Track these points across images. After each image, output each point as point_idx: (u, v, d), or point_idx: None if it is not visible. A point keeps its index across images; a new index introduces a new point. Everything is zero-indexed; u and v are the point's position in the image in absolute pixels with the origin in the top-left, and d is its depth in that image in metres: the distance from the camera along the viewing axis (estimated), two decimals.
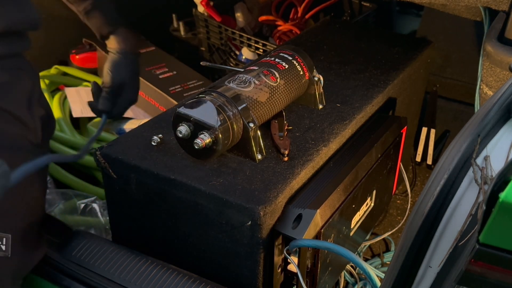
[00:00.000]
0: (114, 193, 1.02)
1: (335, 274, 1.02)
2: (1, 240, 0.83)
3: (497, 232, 0.50)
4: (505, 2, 1.01)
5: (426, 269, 0.61)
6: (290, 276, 0.96)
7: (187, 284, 0.92)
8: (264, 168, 0.92)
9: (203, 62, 1.13)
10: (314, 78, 1.06)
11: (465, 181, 0.60)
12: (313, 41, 1.39)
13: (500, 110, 0.64)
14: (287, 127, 1.02)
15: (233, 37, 1.74)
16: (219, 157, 0.94)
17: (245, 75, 0.98)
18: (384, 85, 1.19)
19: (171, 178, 0.90)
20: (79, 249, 0.99)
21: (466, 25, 1.59)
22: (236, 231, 0.88)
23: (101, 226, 1.30)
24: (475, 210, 0.57)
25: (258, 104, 0.95)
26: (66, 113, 1.66)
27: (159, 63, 1.75)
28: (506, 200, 0.48)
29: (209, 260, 0.96)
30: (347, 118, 1.07)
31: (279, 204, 0.87)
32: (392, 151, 1.15)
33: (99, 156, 0.97)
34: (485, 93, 1.05)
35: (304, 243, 0.85)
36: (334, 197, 0.92)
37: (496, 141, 0.63)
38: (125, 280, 0.93)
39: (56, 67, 1.83)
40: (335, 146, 1.02)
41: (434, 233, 0.60)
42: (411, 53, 1.34)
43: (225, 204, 0.86)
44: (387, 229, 1.41)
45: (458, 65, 1.64)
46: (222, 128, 0.88)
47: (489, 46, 0.98)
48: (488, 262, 0.52)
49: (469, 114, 0.89)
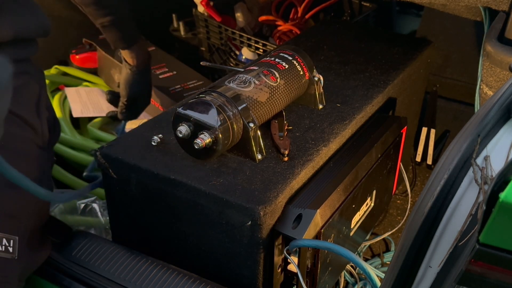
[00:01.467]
0: (114, 193, 1.02)
1: (335, 274, 1.02)
2: (8, 242, 0.83)
3: (497, 232, 0.50)
4: (505, 2, 1.01)
5: (426, 269, 0.61)
6: (290, 276, 0.96)
7: (187, 284, 0.92)
8: (264, 168, 0.92)
9: (203, 62, 1.13)
10: (314, 78, 1.06)
11: (465, 181, 0.60)
12: (313, 41, 1.39)
13: (500, 110, 0.64)
14: (287, 127, 1.02)
15: (233, 37, 1.74)
16: (219, 157, 0.94)
17: (245, 75, 0.98)
18: (384, 85, 1.19)
19: (171, 178, 0.90)
20: (79, 249, 0.99)
21: (466, 25, 1.59)
22: (236, 231, 0.88)
23: (101, 226, 1.30)
24: (475, 210, 0.57)
25: (258, 104, 0.95)
26: (66, 113, 1.66)
27: (159, 63, 1.75)
28: (506, 200, 0.48)
29: (209, 260, 0.96)
30: (347, 118, 1.07)
31: (279, 204, 0.87)
32: (392, 151, 1.15)
33: (99, 156, 0.97)
34: (485, 93, 1.05)
35: (304, 243, 0.85)
36: (334, 197, 0.92)
37: (496, 141, 0.63)
38: (125, 280, 0.93)
39: (56, 67, 1.83)
40: (335, 146, 1.02)
41: (434, 233, 0.60)
42: (411, 53, 1.34)
43: (225, 204, 0.86)
44: (387, 229, 1.41)
45: (458, 65, 1.64)
46: (222, 128, 0.88)
47: (489, 46, 0.98)
48: (488, 262, 0.52)
49: (469, 114, 0.89)
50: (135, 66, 1.23)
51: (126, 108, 1.29)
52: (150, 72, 1.29)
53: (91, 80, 1.83)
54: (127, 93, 1.26)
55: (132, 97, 1.27)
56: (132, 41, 1.20)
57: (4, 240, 0.83)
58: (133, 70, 1.23)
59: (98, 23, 1.16)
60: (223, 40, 1.79)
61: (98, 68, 1.84)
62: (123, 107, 1.29)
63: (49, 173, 1.03)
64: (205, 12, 1.81)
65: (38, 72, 1.02)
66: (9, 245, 0.83)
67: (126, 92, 1.26)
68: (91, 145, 1.53)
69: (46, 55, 1.83)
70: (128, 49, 1.21)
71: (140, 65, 1.23)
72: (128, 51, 1.21)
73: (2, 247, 0.82)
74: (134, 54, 1.22)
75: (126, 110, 1.30)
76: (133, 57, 1.22)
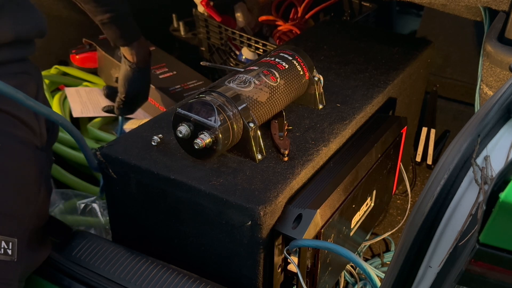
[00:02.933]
0: (114, 193, 1.02)
1: (335, 274, 1.02)
2: (7, 244, 0.83)
3: (497, 232, 0.50)
4: (505, 2, 1.01)
5: (426, 269, 0.61)
6: (290, 276, 0.96)
7: (187, 284, 0.92)
8: (264, 168, 0.92)
9: (203, 62, 1.13)
10: (314, 78, 1.06)
11: (465, 181, 0.60)
12: (313, 41, 1.40)
13: (500, 110, 0.64)
14: (287, 127, 1.02)
15: (233, 37, 1.74)
16: (219, 157, 0.94)
17: (245, 75, 0.98)
18: (384, 85, 1.19)
19: (171, 178, 0.90)
20: (79, 249, 0.99)
21: (466, 25, 1.59)
22: (236, 231, 0.88)
23: (101, 226, 1.30)
24: (475, 210, 0.57)
25: (258, 104, 0.95)
26: (66, 113, 1.66)
27: (159, 63, 1.75)
28: (506, 200, 0.48)
29: (209, 260, 0.96)
30: (347, 118, 1.07)
31: (279, 204, 0.87)
32: (392, 151, 1.15)
33: (99, 156, 0.97)
34: (485, 93, 1.05)
35: (304, 243, 0.85)
36: (334, 197, 0.92)
37: (496, 141, 0.63)
38: (125, 280, 0.93)
39: (56, 67, 1.83)
40: (335, 146, 1.02)
41: (434, 233, 0.60)
42: (411, 53, 1.34)
43: (225, 204, 0.86)
44: (387, 229, 1.41)
45: (458, 65, 1.64)
46: (222, 128, 0.88)
47: (489, 46, 0.98)
48: (488, 262, 0.52)
49: (469, 114, 0.89)
50: (135, 64, 1.22)
51: (123, 104, 1.29)
52: (149, 69, 1.28)
53: (91, 80, 1.83)
54: (125, 90, 1.26)
55: (130, 94, 1.27)
56: (132, 39, 1.20)
57: (3, 243, 0.82)
58: (133, 68, 1.23)
59: (98, 20, 1.15)
60: (223, 40, 1.79)
61: (98, 68, 1.84)
62: (120, 103, 1.29)
63: (49, 174, 1.03)
64: (205, 12, 1.81)
65: (36, 71, 1.02)
66: (8, 247, 0.83)
67: (125, 89, 1.26)
68: (91, 145, 1.53)
69: (46, 55, 1.83)
70: (128, 46, 1.20)
71: (140, 62, 1.23)
72: (128, 48, 1.20)
73: (1, 250, 0.81)
74: (134, 51, 1.21)
75: (123, 106, 1.29)
76: (133, 54, 1.21)
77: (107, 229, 1.29)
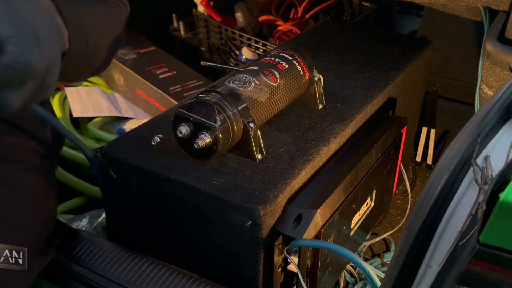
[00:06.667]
0: (113, 193, 1.02)
1: (335, 274, 1.02)
2: (18, 254, 0.82)
3: (497, 232, 0.50)
4: (505, 2, 1.01)
5: (426, 269, 0.61)
6: (290, 276, 0.96)
7: (187, 284, 0.92)
8: (264, 168, 0.92)
9: (203, 62, 1.13)
10: (314, 78, 1.06)
11: (465, 181, 0.60)
12: (313, 41, 1.39)
13: (500, 110, 0.64)
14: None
15: (233, 37, 1.74)
16: (219, 157, 0.94)
17: (245, 75, 0.98)
18: (384, 85, 1.19)
19: (171, 178, 0.90)
20: (79, 249, 0.99)
21: (466, 25, 1.59)
22: (236, 231, 0.88)
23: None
24: (475, 210, 0.57)
25: (258, 104, 0.95)
26: (66, 113, 1.66)
27: (159, 63, 1.75)
28: (506, 200, 0.48)
29: (209, 260, 0.96)
30: (347, 118, 1.07)
31: (279, 204, 0.87)
32: (392, 151, 1.15)
33: (99, 156, 0.97)
34: (485, 93, 1.06)
35: (304, 243, 0.85)
36: (334, 197, 0.92)
37: (496, 141, 0.63)
38: (125, 280, 0.93)
39: None
40: (335, 146, 1.02)
41: (434, 233, 0.60)
42: (411, 53, 1.34)
43: (225, 204, 0.86)
44: (387, 229, 1.41)
45: (458, 65, 1.64)
46: (222, 128, 0.88)
47: (489, 46, 0.98)
48: (488, 262, 0.52)
49: (469, 114, 0.89)
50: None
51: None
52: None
53: (91, 80, 1.83)
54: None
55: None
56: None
57: (14, 252, 0.81)
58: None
59: None
60: (223, 40, 1.79)
61: None
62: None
63: (54, 182, 1.02)
64: (205, 12, 1.81)
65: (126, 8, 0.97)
66: (19, 256, 0.81)
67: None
68: (91, 145, 1.53)
69: None
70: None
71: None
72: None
73: (13, 259, 0.80)
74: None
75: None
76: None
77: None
